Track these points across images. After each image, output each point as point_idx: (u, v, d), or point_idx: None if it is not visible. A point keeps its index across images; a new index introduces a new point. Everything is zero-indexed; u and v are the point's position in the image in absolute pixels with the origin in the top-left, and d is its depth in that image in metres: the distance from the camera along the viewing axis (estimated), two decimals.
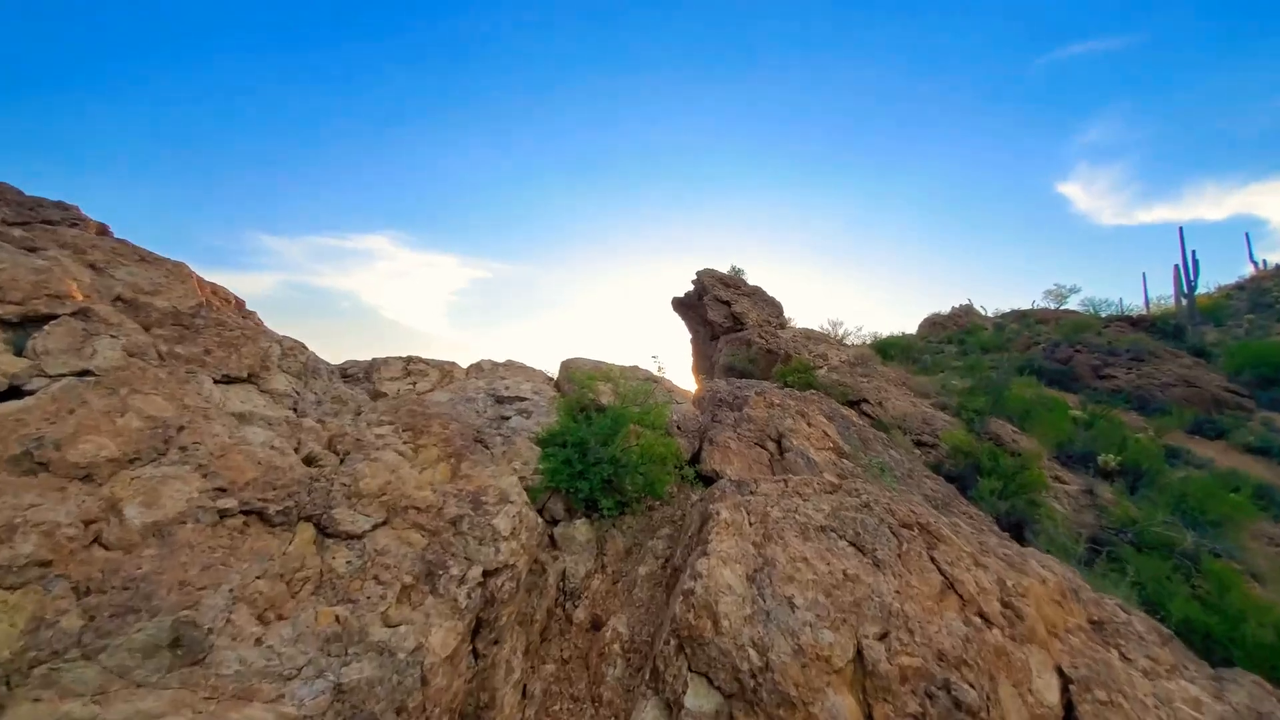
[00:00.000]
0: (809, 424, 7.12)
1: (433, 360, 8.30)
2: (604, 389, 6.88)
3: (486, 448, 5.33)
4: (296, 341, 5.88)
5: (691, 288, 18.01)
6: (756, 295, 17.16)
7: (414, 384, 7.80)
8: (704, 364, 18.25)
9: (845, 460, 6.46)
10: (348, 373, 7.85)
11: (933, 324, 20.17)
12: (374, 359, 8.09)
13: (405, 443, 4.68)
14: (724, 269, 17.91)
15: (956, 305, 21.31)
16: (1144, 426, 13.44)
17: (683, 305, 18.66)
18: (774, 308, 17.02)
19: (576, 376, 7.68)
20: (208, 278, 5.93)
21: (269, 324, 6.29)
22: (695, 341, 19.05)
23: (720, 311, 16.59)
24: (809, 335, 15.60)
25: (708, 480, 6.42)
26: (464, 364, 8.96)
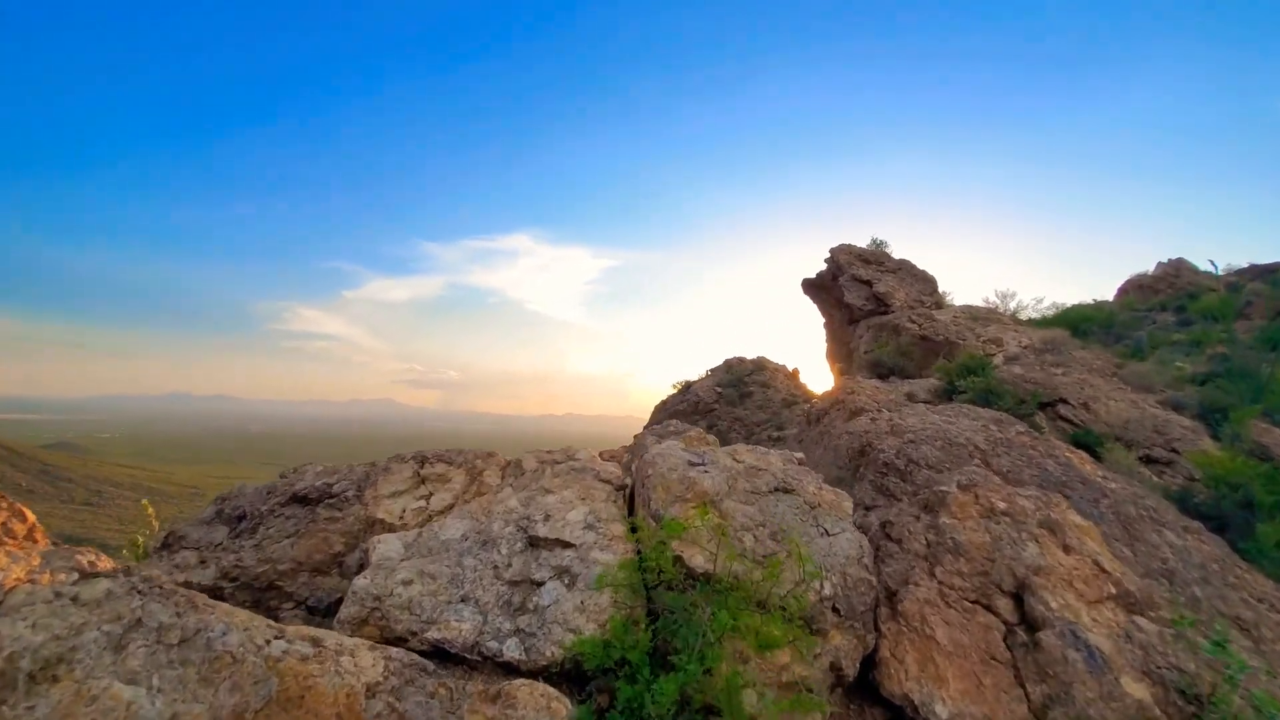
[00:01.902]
0: (1064, 547, 4.19)
1: (458, 457, 5.85)
2: (698, 538, 3.93)
3: None
4: None
5: (824, 267, 16.24)
6: (903, 270, 15.01)
7: (427, 499, 5.45)
8: (840, 350, 16.49)
9: (1143, 620, 3.74)
10: (331, 491, 5.42)
11: (1139, 288, 16.25)
12: (373, 464, 5.86)
13: None
14: (863, 244, 15.89)
15: (1163, 262, 17.10)
16: None
17: (814, 287, 16.94)
18: (926, 284, 14.79)
19: (655, 508, 4.33)
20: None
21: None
22: (830, 326, 17.28)
23: (859, 293, 14.73)
24: (973, 315, 13.28)
25: (893, 708, 3.76)
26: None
